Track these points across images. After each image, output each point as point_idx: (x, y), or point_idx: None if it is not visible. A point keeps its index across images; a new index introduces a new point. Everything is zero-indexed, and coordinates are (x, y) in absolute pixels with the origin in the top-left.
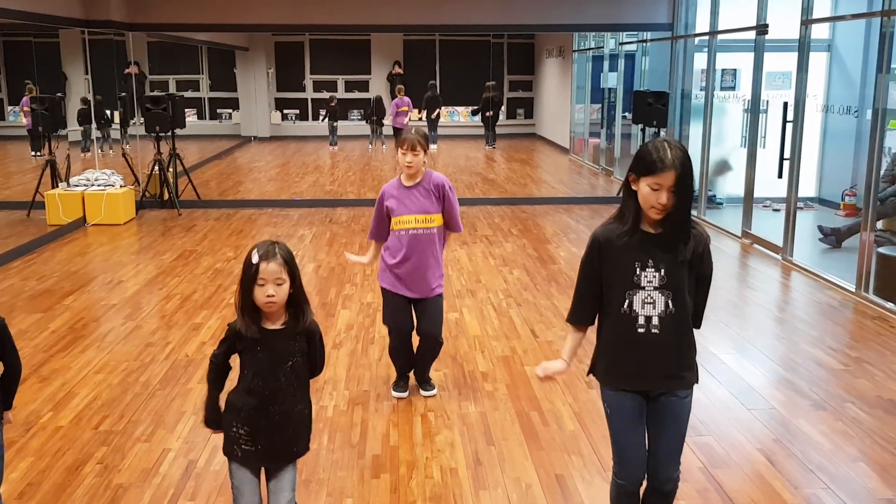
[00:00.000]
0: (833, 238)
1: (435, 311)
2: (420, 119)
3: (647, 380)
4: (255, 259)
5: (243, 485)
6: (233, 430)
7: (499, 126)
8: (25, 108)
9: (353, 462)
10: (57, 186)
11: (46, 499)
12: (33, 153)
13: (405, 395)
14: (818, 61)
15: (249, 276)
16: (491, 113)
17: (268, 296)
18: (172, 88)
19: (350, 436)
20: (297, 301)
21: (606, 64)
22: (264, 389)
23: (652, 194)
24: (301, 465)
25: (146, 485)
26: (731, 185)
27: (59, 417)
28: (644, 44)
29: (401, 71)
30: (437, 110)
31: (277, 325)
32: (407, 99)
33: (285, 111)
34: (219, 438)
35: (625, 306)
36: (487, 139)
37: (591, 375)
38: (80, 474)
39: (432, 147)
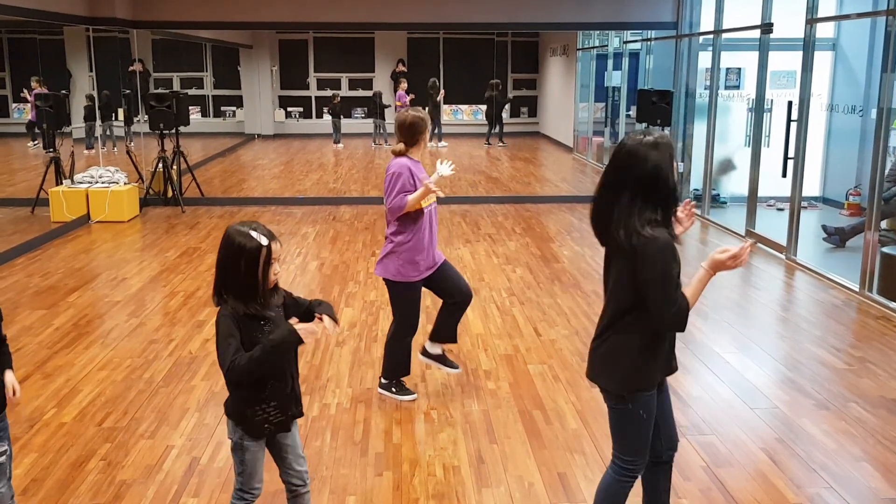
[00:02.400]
0: (837, 237)
1: (454, 269)
2: None
3: (672, 369)
4: (263, 241)
5: (258, 463)
6: (259, 411)
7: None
8: (30, 101)
9: (355, 460)
10: (61, 183)
11: (50, 495)
12: (31, 143)
13: (415, 396)
14: (823, 60)
15: (261, 258)
16: (494, 112)
17: (275, 273)
18: (176, 86)
19: (353, 433)
20: None
21: (610, 62)
22: (282, 364)
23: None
24: None
25: (149, 481)
26: (735, 184)
27: (62, 414)
28: (648, 42)
29: (404, 69)
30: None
31: (275, 301)
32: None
33: (289, 109)
34: (221, 436)
35: None
36: (488, 137)
37: (629, 394)
38: (83, 470)
39: (441, 145)
